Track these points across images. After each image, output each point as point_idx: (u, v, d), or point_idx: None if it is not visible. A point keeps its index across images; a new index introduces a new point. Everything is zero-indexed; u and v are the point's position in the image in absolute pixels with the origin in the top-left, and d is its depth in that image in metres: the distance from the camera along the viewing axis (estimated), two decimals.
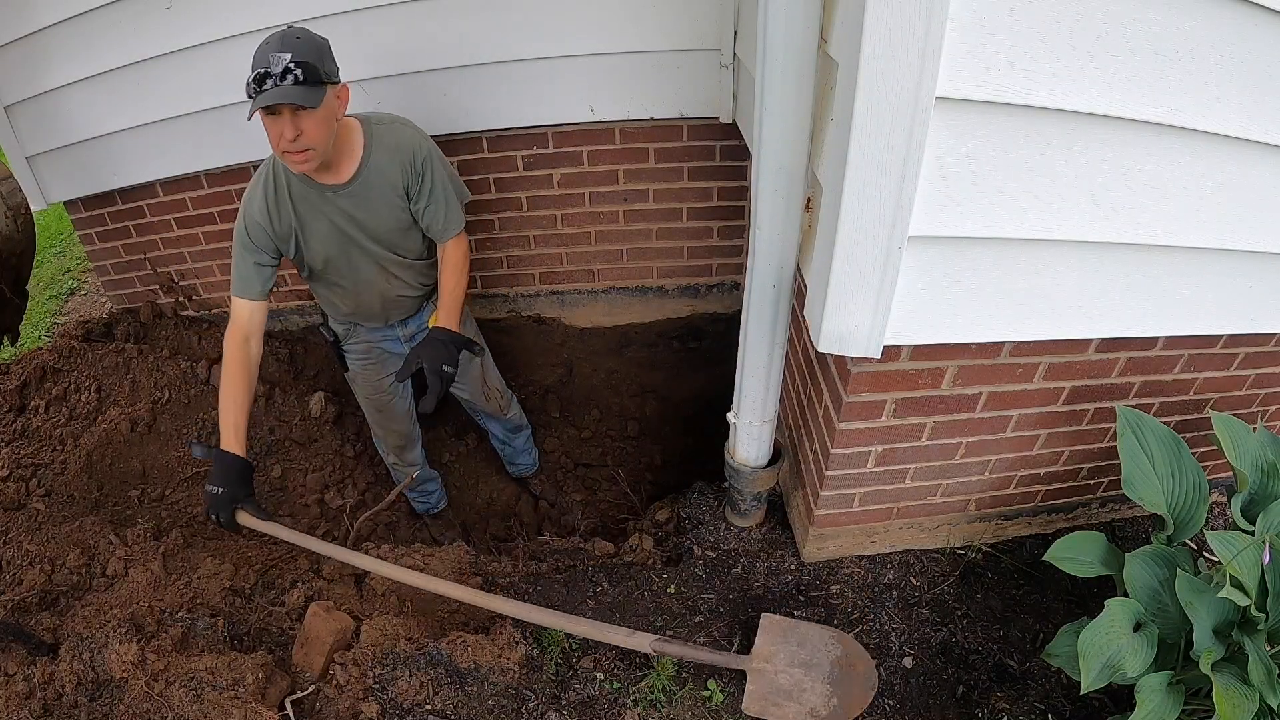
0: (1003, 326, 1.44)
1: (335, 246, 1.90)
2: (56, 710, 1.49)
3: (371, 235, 1.90)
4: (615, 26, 2.03)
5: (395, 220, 1.91)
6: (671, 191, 2.41)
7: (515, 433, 2.73)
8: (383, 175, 1.83)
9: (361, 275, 1.98)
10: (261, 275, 1.86)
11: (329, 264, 1.94)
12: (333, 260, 1.93)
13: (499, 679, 1.65)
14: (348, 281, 2.00)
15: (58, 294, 4.13)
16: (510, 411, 2.62)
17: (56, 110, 2.33)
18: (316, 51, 1.59)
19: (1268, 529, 1.46)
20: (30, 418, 2.35)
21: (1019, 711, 1.65)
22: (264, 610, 1.85)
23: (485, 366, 2.43)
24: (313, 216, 1.84)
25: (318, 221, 1.85)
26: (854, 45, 1.05)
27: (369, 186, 1.82)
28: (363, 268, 1.97)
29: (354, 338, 2.21)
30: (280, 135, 1.60)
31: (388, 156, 1.82)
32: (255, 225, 1.81)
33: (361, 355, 2.23)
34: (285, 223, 1.83)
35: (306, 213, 1.83)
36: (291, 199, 1.81)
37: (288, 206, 1.82)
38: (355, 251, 1.93)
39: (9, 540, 1.98)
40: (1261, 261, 1.45)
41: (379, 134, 1.82)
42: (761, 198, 1.38)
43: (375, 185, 1.83)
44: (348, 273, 1.97)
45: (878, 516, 1.90)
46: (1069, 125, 1.16)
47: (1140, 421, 1.59)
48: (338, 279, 1.99)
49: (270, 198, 1.80)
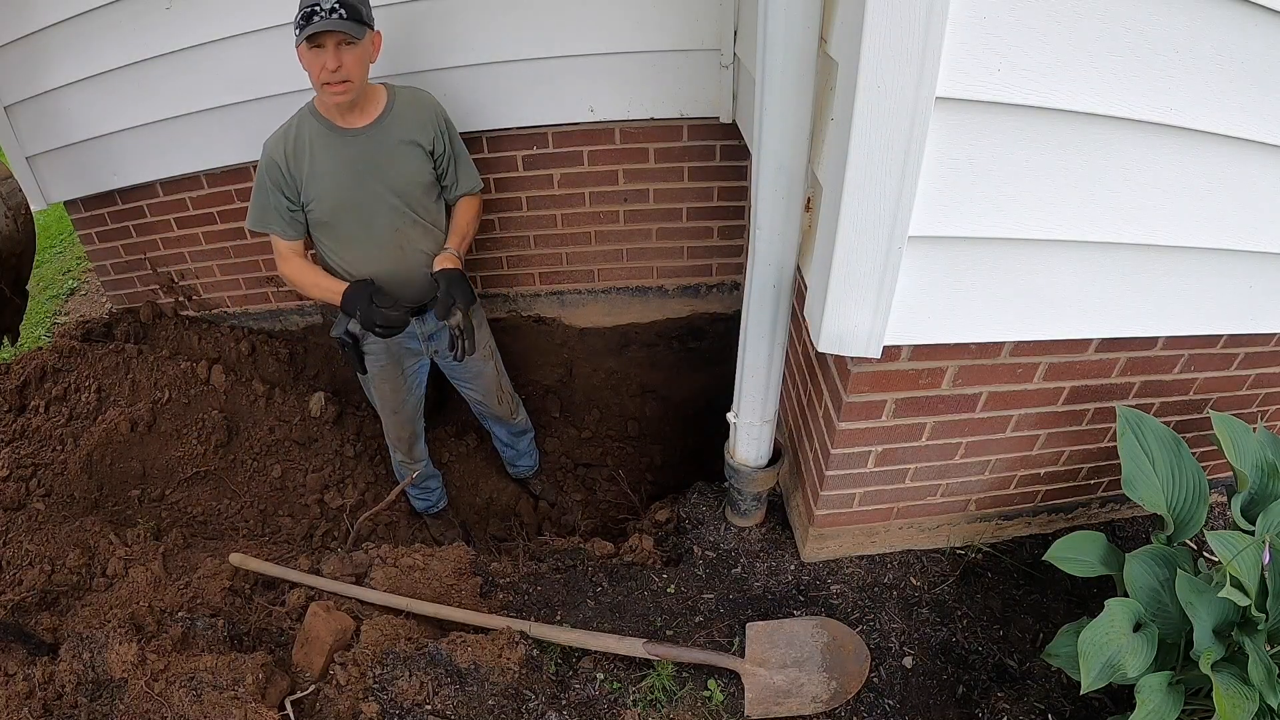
0: (1003, 326, 1.44)
1: (347, 191, 1.92)
2: (56, 710, 1.49)
3: (387, 183, 1.94)
4: (615, 26, 2.03)
5: (413, 172, 1.97)
6: (671, 191, 2.41)
7: (520, 436, 2.73)
8: (404, 126, 1.92)
9: (378, 231, 1.98)
10: (286, 215, 1.94)
11: (343, 213, 1.95)
12: (344, 207, 1.94)
13: (499, 679, 1.65)
14: (363, 238, 1.98)
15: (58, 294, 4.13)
16: (518, 415, 2.63)
17: (56, 110, 2.33)
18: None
19: (1268, 529, 1.46)
20: (30, 418, 2.35)
21: (1019, 711, 1.65)
22: (264, 610, 1.85)
23: (499, 369, 2.44)
24: (327, 157, 1.88)
25: (332, 162, 1.89)
26: (854, 45, 1.05)
27: (388, 133, 1.91)
28: (379, 223, 1.97)
29: (369, 338, 2.16)
30: (323, 66, 1.72)
31: (411, 111, 1.93)
32: (270, 163, 1.88)
33: (381, 355, 2.20)
34: (299, 162, 1.88)
35: (321, 153, 1.88)
36: (309, 141, 1.87)
37: (305, 147, 1.87)
38: (376, 204, 1.95)
39: (9, 540, 1.99)
40: (1261, 261, 1.45)
41: (402, 93, 1.95)
42: (761, 198, 1.38)
43: (394, 133, 1.91)
44: (364, 227, 1.97)
45: (878, 516, 1.90)
46: (1069, 125, 1.16)
47: (1140, 421, 1.59)
48: (352, 233, 1.98)
49: (289, 138, 1.87)
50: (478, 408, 2.56)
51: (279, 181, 1.89)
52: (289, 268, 2.01)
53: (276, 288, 2.70)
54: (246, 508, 2.42)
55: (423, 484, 2.65)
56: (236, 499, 2.43)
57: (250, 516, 2.41)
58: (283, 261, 2.00)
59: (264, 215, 1.94)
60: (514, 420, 2.62)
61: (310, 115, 1.88)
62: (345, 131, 1.88)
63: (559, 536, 2.57)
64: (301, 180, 1.89)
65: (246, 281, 2.70)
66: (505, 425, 2.65)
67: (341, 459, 2.62)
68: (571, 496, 2.92)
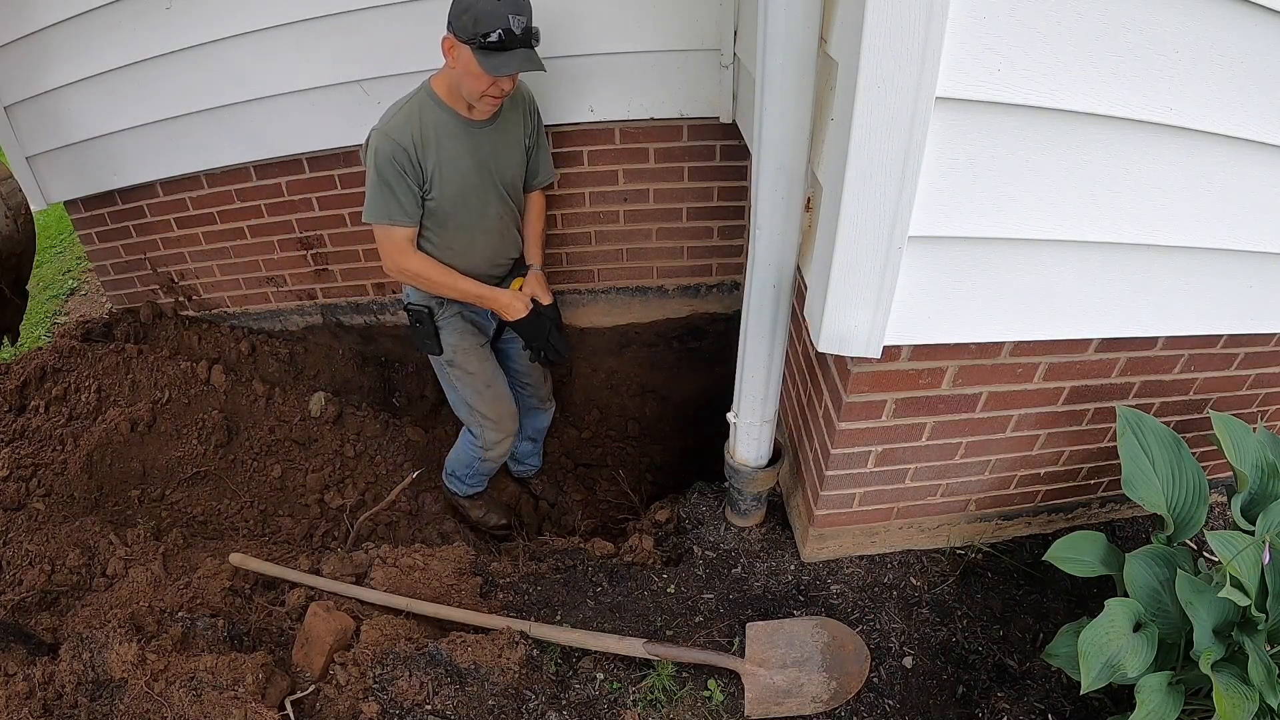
0: (1003, 326, 1.44)
1: (472, 184, 1.92)
2: (56, 710, 1.49)
3: (500, 175, 1.97)
4: (615, 26, 2.03)
5: (518, 165, 2.02)
6: (671, 191, 2.41)
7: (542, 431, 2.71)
8: (512, 119, 1.96)
9: (488, 221, 2.01)
10: (416, 203, 1.88)
11: (461, 203, 1.93)
12: (466, 200, 1.93)
13: (499, 679, 1.65)
14: (474, 227, 1.99)
15: (58, 294, 4.13)
16: (551, 404, 2.63)
17: (56, 110, 2.33)
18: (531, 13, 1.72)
19: (1268, 529, 1.46)
20: (30, 418, 2.35)
21: (1019, 711, 1.65)
22: (264, 610, 1.85)
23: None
24: (454, 147, 1.86)
25: (460, 155, 1.88)
26: (854, 45, 1.05)
27: (505, 128, 1.94)
28: (490, 212, 2.00)
29: (446, 310, 2.14)
30: (501, 89, 1.76)
31: (511, 103, 1.94)
32: (397, 149, 1.79)
33: (457, 329, 2.16)
34: (426, 151, 1.83)
35: (449, 143, 1.85)
36: (435, 130, 1.83)
37: (431, 136, 1.83)
38: (490, 193, 1.97)
39: (9, 540, 1.99)
40: (1261, 261, 1.45)
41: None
42: (761, 198, 1.38)
43: (508, 128, 1.95)
44: (478, 217, 1.98)
45: (878, 516, 1.90)
46: (1069, 125, 1.16)
47: (1140, 421, 1.59)
48: (465, 222, 1.97)
49: (415, 126, 1.81)
50: (526, 393, 2.49)
51: (405, 169, 1.81)
52: (414, 261, 1.94)
53: (276, 288, 2.70)
54: (246, 508, 2.42)
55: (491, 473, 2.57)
56: (236, 499, 2.43)
57: (250, 516, 2.41)
58: (403, 255, 1.92)
59: (388, 206, 1.85)
60: (547, 406, 2.60)
61: (433, 103, 1.83)
62: (472, 124, 1.86)
63: (559, 536, 2.57)
64: (427, 169, 1.85)
65: (246, 281, 2.70)
66: (543, 414, 2.61)
67: (341, 459, 2.62)
68: (571, 496, 2.91)
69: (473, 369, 2.20)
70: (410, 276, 1.98)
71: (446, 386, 2.29)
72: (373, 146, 1.80)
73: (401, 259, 1.93)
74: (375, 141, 1.80)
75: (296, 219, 2.50)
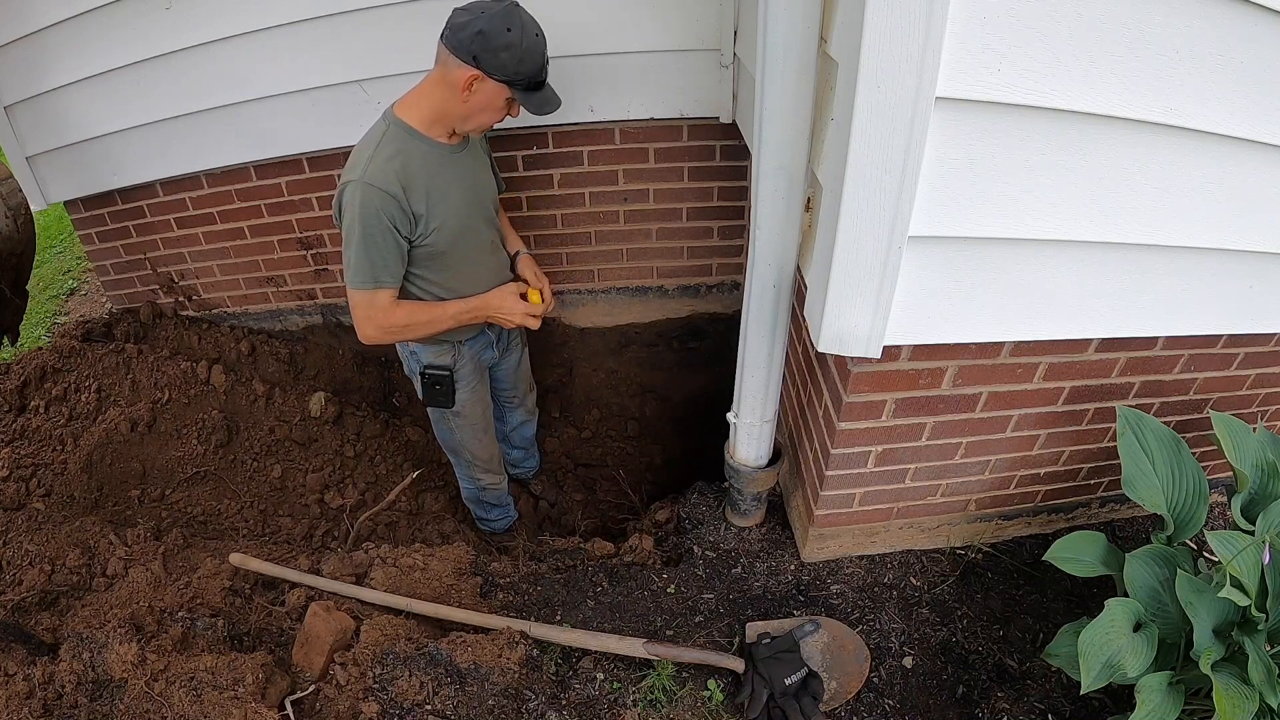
0: (1003, 326, 1.44)
1: (464, 216, 1.77)
2: (56, 710, 1.49)
3: (482, 197, 1.87)
4: (615, 26, 2.03)
5: (490, 182, 1.92)
6: (671, 191, 2.41)
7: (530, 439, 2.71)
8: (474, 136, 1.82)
9: (484, 249, 1.89)
10: (403, 259, 1.71)
11: (460, 238, 1.77)
12: (464, 233, 1.78)
13: (499, 679, 1.65)
14: (474, 260, 1.86)
15: (58, 294, 4.13)
16: (536, 412, 2.62)
17: (56, 110, 2.33)
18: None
19: (1268, 529, 1.46)
20: (30, 418, 2.35)
21: (1019, 711, 1.65)
22: (264, 610, 1.85)
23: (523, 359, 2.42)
24: (443, 181, 1.70)
25: (450, 188, 1.71)
26: (854, 45, 1.05)
27: (473, 150, 1.82)
28: (484, 240, 1.88)
29: (460, 361, 2.03)
30: (506, 114, 1.67)
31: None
32: (387, 201, 1.59)
33: (469, 378, 2.07)
34: (415, 193, 1.65)
35: (437, 177, 1.68)
36: (420, 166, 1.65)
37: (417, 174, 1.64)
38: (479, 220, 1.84)
39: (9, 540, 1.99)
40: (1261, 261, 1.45)
41: None
42: (761, 198, 1.38)
43: (474, 149, 1.83)
44: (475, 248, 1.84)
45: (878, 516, 1.90)
46: (1069, 125, 1.16)
47: (1140, 421, 1.59)
48: (465, 256, 1.82)
49: (397, 169, 1.60)
50: (508, 405, 2.48)
51: (396, 221, 1.62)
52: (399, 315, 1.75)
53: (276, 288, 2.70)
54: (246, 508, 2.42)
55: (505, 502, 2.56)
56: (236, 499, 2.43)
57: (250, 516, 2.41)
58: (386, 315, 1.73)
59: (374, 269, 1.65)
60: (532, 416, 2.59)
61: (409, 136, 1.64)
62: (448, 148, 1.70)
63: (559, 536, 2.57)
64: (419, 213, 1.66)
65: (246, 281, 2.70)
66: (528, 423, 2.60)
67: (341, 459, 2.62)
68: (571, 496, 2.91)
69: (475, 418, 2.17)
70: (397, 332, 1.80)
71: (442, 430, 2.21)
72: (354, 201, 1.58)
73: (386, 319, 1.73)
74: (358, 195, 1.57)
75: (296, 219, 2.50)
